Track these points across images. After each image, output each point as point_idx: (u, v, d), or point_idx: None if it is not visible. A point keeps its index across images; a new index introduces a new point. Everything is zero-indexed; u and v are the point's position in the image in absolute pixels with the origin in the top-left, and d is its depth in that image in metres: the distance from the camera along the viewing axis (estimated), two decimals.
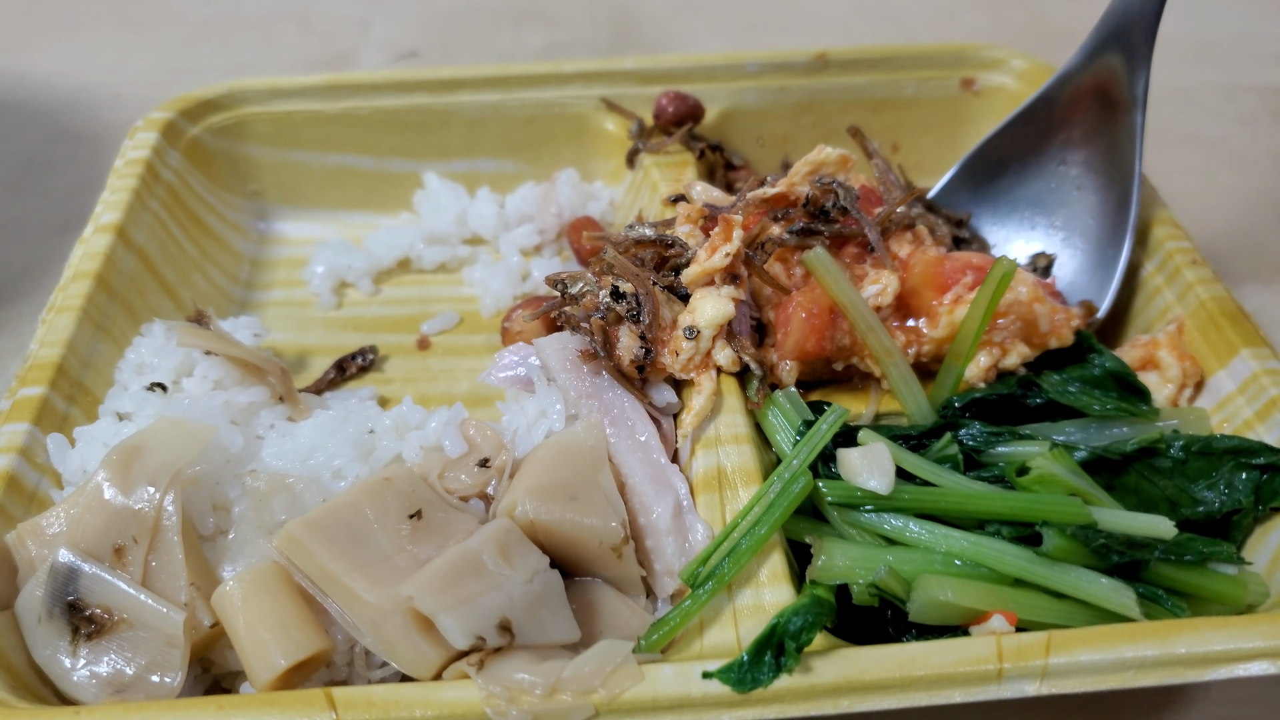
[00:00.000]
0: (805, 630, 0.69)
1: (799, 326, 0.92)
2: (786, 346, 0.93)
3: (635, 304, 0.88)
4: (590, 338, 0.88)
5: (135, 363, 0.98)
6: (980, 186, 1.10)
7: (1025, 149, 1.08)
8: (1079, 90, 1.03)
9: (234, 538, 0.81)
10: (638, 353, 0.87)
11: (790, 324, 0.92)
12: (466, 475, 0.84)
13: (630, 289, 0.89)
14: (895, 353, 0.90)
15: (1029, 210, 1.08)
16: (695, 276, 0.91)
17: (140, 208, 1.08)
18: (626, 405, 0.88)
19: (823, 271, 0.88)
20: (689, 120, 1.19)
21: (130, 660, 0.72)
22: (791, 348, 0.92)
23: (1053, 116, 1.06)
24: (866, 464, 0.79)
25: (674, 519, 0.81)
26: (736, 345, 0.90)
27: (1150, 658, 0.70)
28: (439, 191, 1.24)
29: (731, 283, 0.91)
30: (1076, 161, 1.05)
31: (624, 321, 0.89)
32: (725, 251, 0.89)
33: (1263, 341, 0.92)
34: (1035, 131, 1.07)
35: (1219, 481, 0.85)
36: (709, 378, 0.89)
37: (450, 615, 0.68)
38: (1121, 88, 1.00)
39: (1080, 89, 1.03)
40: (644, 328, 0.88)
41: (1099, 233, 1.03)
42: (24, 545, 0.78)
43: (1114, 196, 1.02)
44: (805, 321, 0.91)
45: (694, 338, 0.88)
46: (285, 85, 1.21)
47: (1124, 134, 1.01)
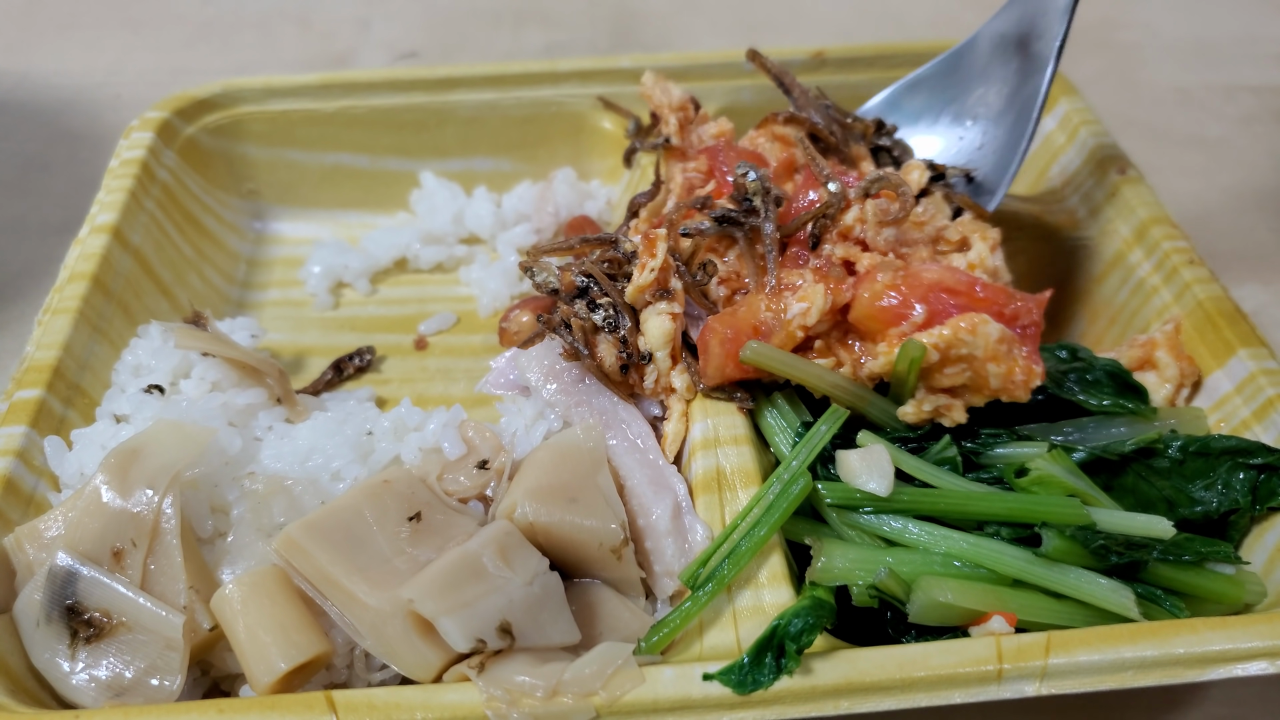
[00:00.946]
0: (806, 632, 0.69)
1: (716, 352, 0.86)
2: (708, 372, 0.87)
3: (613, 313, 0.88)
4: (571, 338, 0.88)
5: (132, 364, 0.97)
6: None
7: (939, 101, 1.10)
8: (994, 46, 1.05)
9: (233, 540, 0.80)
10: (614, 362, 0.87)
11: (708, 350, 0.86)
12: (465, 477, 0.84)
13: (607, 300, 0.89)
14: (865, 393, 0.85)
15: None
16: (632, 294, 0.89)
17: (136, 208, 1.08)
18: (619, 408, 0.88)
19: (768, 362, 0.83)
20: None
21: (129, 663, 0.72)
22: (713, 373, 0.87)
23: (968, 70, 1.07)
24: (865, 465, 0.79)
25: (673, 520, 0.81)
26: (691, 367, 0.88)
27: (1149, 658, 0.70)
28: (435, 191, 1.24)
29: (664, 298, 0.89)
30: (987, 110, 1.06)
31: (600, 332, 0.88)
32: (650, 266, 0.88)
33: (1260, 342, 0.92)
34: (951, 83, 1.09)
35: (1216, 481, 0.85)
36: (677, 399, 0.89)
37: (451, 618, 0.68)
38: (1037, 44, 1.00)
39: (996, 45, 1.05)
40: (625, 332, 0.88)
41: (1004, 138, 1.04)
42: (22, 549, 0.77)
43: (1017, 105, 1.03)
44: (721, 347, 0.85)
45: (649, 360, 0.88)
46: (281, 84, 1.21)
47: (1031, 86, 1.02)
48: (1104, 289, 1.08)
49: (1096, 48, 1.65)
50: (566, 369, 0.90)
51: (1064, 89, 1.20)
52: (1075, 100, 1.19)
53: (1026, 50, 1.01)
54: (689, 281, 0.90)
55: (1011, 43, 1.03)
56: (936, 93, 1.09)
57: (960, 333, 0.79)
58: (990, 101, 1.05)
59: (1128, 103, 1.53)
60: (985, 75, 1.05)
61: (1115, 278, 1.07)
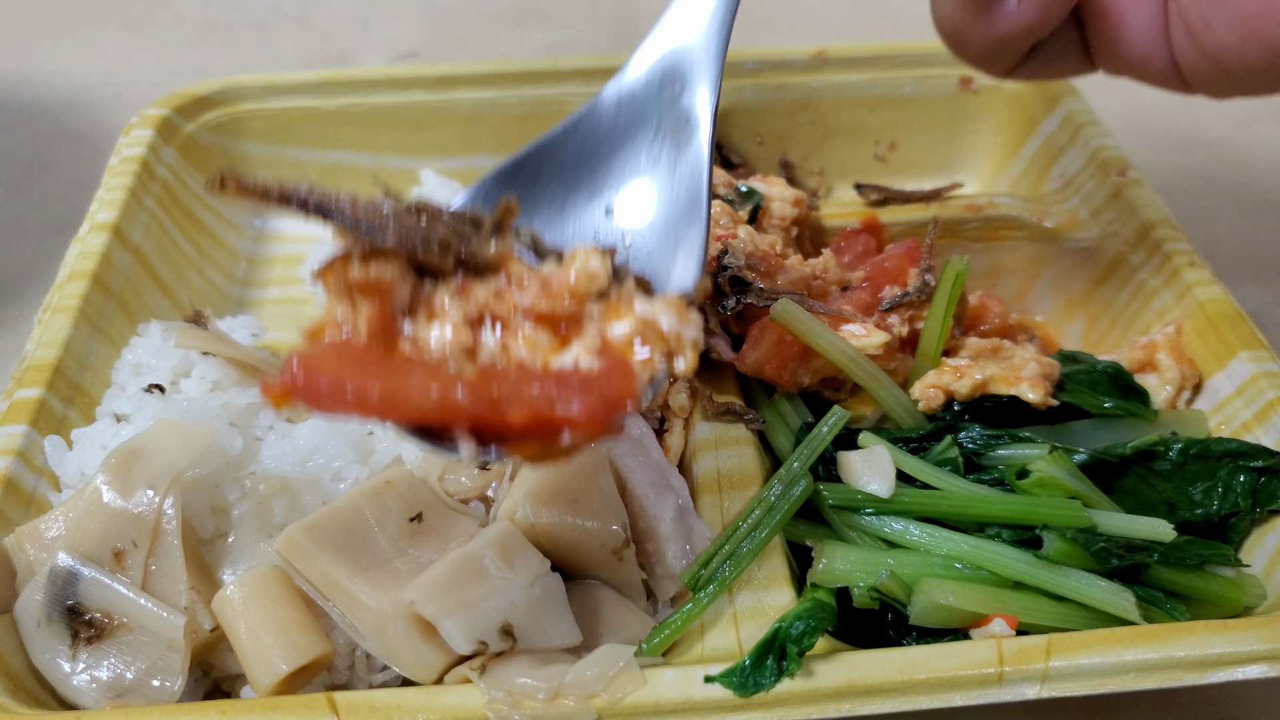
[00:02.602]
0: (807, 634, 0.69)
1: (768, 346, 0.87)
2: (748, 360, 0.89)
3: None
4: None
5: (132, 363, 0.97)
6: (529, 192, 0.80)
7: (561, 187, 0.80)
8: (624, 107, 0.80)
9: (234, 541, 0.80)
10: None
11: (761, 340, 0.88)
12: (466, 477, 0.84)
13: None
14: (881, 376, 0.88)
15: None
16: None
17: (136, 206, 1.08)
18: None
19: (794, 323, 0.84)
20: None
21: (130, 664, 0.72)
22: (752, 363, 0.89)
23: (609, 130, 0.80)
24: (867, 467, 0.79)
25: (675, 522, 0.81)
26: (690, 380, 0.88)
27: (1150, 661, 0.70)
28: (436, 189, 1.23)
29: None
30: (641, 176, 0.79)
31: None
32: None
33: (1261, 344, 0.92)
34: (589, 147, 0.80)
35: (1217, 484, 0.85)
36: (675, 415, 0.89)
37: (452, 620, 0.68)
38: (685, 97, 0.78)
39: (628, 105, 0.80)
40: None
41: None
42: (22, 549, 0.77)
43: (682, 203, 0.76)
44: (775, 345, 0.87)
45: None
46: (281, 82, 1.21)
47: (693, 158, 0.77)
48: (1105, 291, 1.08)
49: None
50: None
51: (1065, 90, 1.20)
52: (1076, 101, 1.19)
53: (674, 107, 0.78)
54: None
55: (651, 99, 0.79)
56: (555, 176, 0.79)
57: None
58: (641, 175, 0.77)
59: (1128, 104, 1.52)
60: (623, 145, 0.78)
61: (1116, 279, 1.07)
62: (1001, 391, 0.88)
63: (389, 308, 0.62)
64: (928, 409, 0.89)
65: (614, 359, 0.62)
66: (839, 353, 0.85)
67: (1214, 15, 0.68)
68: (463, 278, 0.64)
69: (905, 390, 0.90)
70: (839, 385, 0.94)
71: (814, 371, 0.90)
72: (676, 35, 0.80)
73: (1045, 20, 0.73)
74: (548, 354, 0.63)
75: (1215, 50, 0.69)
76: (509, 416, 0.57)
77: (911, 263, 0.97)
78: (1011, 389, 0.88)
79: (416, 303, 0.63)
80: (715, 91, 0.77)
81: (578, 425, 0.58)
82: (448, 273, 0.64)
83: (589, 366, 0.61)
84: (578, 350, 0.63)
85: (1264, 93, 0.71)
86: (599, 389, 0.59)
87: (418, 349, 0.62)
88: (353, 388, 0.57)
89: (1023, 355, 0.93)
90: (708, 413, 0.87)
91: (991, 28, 0.74)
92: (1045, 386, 0.88)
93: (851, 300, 0.95)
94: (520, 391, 0.58)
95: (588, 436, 0.58)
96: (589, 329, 0.64)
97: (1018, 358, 0.92)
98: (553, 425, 0.58)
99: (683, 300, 0.65)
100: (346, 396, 0.57)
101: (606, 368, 0.61)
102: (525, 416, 0.57)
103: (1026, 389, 0.87)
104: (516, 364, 0.62)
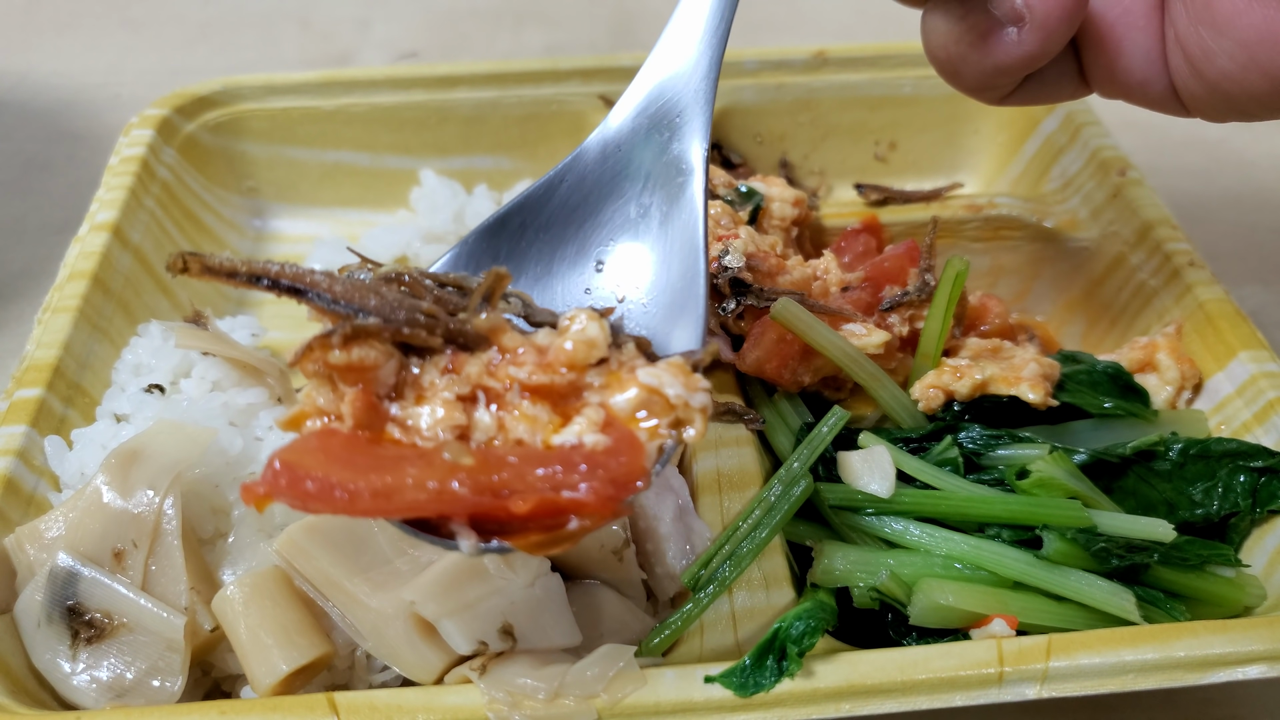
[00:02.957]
0: (807, 635, 0.69)
1: (769, 345, 0.88)
2: (749, 358, 0.89)
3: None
4: None
5: (132, 363, 0.97)
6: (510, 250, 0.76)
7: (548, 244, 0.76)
8: (610, 157, 0.76)
9: (234, 541, 0.80)
10: None
11: (761, 339, 0.88)
12: None
13: None
14: (881, 376, 0.88)
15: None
16: None
17: (136, 206, 1.08)
18: None
19: (793, 321, 0.84)
20: None
21: (130, 665, 0.72)
22: (752, 363, 0.89)
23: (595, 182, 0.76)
24: (867, 467, 0.79)
25: (675, 522, 0.81)
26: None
27: (1150, 661, 0.70)
28: (436, 189, 1.23)
29: None
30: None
31: None
32: None
33: (1261, 344, 0.92)
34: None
35: (1217, 484, 0.85)
36: None
37: (452, 620, 0.68)
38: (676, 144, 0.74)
39: (614, 155, 0.76)
40: None
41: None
42: (22, 549, 0.77)
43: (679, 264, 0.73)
44: (775, 344, 0.87)
45: None
46: (281, 82, 1.21)
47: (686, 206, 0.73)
48: (1105, 291, 1.08)
49: None
50: None
51: None
52: (1076, 101, 1.19)
53: (663, 154, 0.74)
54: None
55: (638, 147, 0.75)
56: (541, 231, 0.75)
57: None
58: (632, 228, 0.74)
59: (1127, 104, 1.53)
60: (611, 196, 0.75)
61: (1116, 279, 1.07)
62: (1001, 392, 0.88)
63: (374, 391, 0.57)
64: (928, 409, 0.89)
65: (620, 433, 0.57)
66: (839, 352, 0.85)
67: (1214, 43, 0.66)
68: (452, 353, 0.59)
69: (905, 390, 0.90)
70: (839, 385, 0.94)
71: (814, 371, 0.90)
72: (663, 78, 0.75)
73: (1046, 50, 0.70)
74: (548, 431, 0.58)
75: (1216, 78, 0.67)
76: (513, 507, 0.53)
77: (911, 263, 0.97)
78: (1011, 389, 0.88)
79: (403, 383, 0.59)
80: (706, 138, 0.73)
81: (587, 510, 0.53)
82: (436, 349, 0.59)
83: (594, 443, 0.57)
84: (581, 425, 0.58)
85: (1264, 118, 0.69)
86: (607, 468, 0.54)
87: (408, 433, 0.57)
88: (342, 488, 0.52)
89: (1023, 355, 0.93)
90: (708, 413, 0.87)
91: (989, 58, 0.71)
92: (1045, 387, 0.88)
93: (851, 300, 0.95)
94: (523, 477, 0.54)
95: (597, 520, 0.54)
96: (590, 400, 0.59)
97: (1018, 358, 0.92)
98: (560, 511, 0.54)
99: (687, 363, 0.61)
100: (335, 497, 0.52)
101: (613, 444, 0.56)
102: (530, 505, 0.53)
103: (1026, 389, 0.87)
104: (515, 444, 0.58)
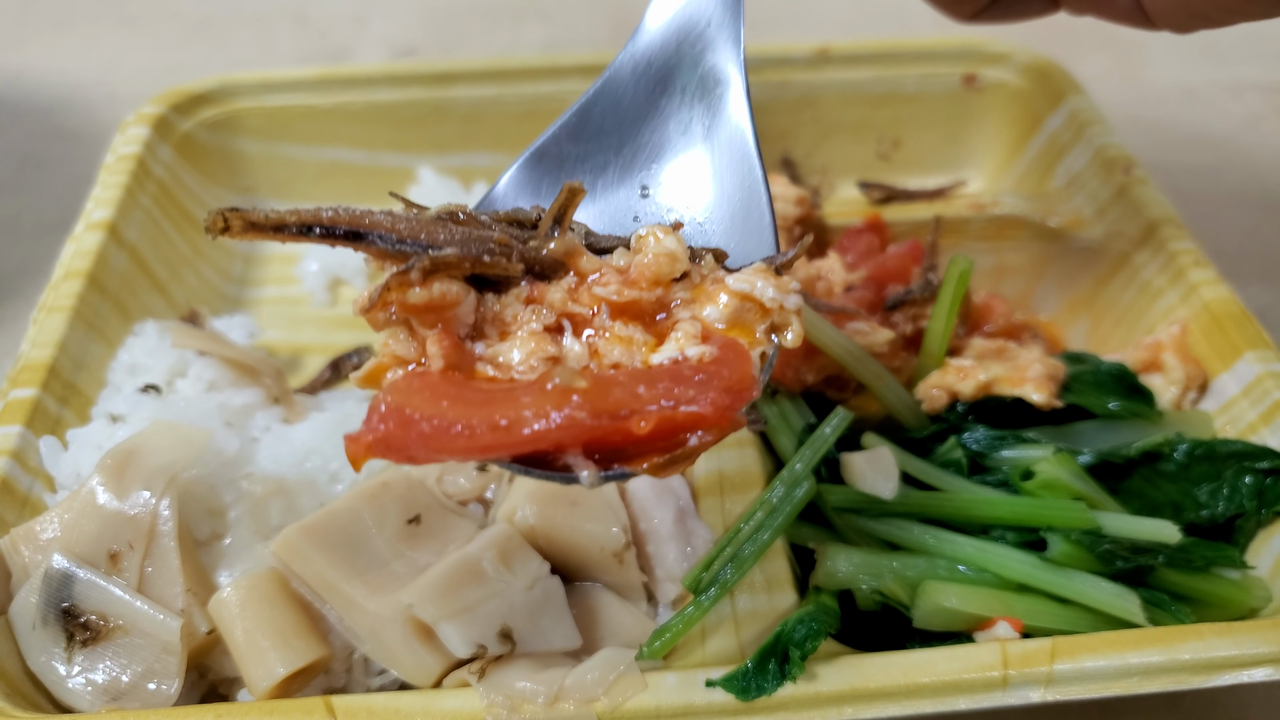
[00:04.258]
0: (810, 638, 0.68)
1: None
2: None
3: None
4: None
5: (128, 363, 0.96)
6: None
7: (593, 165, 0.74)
8: (642, 77, 0.73)
9: (230, 543, 0.80)
10: None
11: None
12: (465, 479, 0.83)
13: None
14: (885, 375, 0.87)
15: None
16: None
17: (132, 204, 1.07)
18: None
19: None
20: None
21: (126, 667, 0.71)
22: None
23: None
24: (871, 468, 0.79)
25: (676, 524, 0.80)
26: None
27: (1155, 664, 0.69)
28: (434, 186, 1.23)
29: None
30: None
31: None
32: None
33: (1267, 344, 0.91)
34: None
35: (1222, 486, 0.84)
36: None
37: (451, 623, 0.68)
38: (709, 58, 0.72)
39: (644, 74, 0.73)
40: None
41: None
42: (17, 551, 0.77)
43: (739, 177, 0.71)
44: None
45: None
46: (277, 79, 1.20)
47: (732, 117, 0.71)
48: (1109, 290, 1.07)
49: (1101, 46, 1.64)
50: None
51: (1069, 87, 1.20)
52: (1081, 99, 1.18)
53: (697, 67, 0.72)
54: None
55: (669, 62, 0.72)
56: (580, 161, 0.73)
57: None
58: (673, 146, 0.72)
59: (1133, 101, 1.52)
60: (648, 117, 0.72)
61: (1121, 279, 1.06)
62: (1006, 392, 0.87)
63: (455, 332, 0.53)
64: (931, 409, 0.88)
65: (725, 342, 0.54)
66: (843, 350, 0.84)
67: None
68: (529, 283, 0.56)
69: (909, 390, 0.89)
70: (842, 385, 0.93)
71: (818, 370, 0.90)
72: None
73: None
74: (645, 352, 0.55)
75: None
76: (634, 428, 0.49)
77: (915, 262, 0.97)
78: (1016, 390, 0.87)
79: (482, 321, 0.55)
80: (740, 46, 0.70)
81: (707, 422, 0.50)
82: (514, 279, 0.55)
83: (699, 355, 0.53)
84: (680, 340, 0.54)
85: (1226, 23, 0.68)
86: (719, 378, 0.51)
87: (501, 370, 0.53)
88: (462, 426, 0.48)
89: (1027, 356, 0.92)
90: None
91: None
92: (1050, 387, 0.87)
93: (855, 299, 0.94)
94: (637, 397, 0.50)
95: (717, 434, 0.51)
96: (681, 316, 0.56)
97: (1022, 358, 0.91)
98: (680, 429, 0.50)
99: (771, 268, 0.57)
100: (454, 435, 0.48)
101: (720, 353, 0.53)
102: (653, 424, 0.49)
103: (1031, 390, 0.86)
104: (612, 369, 0.54)
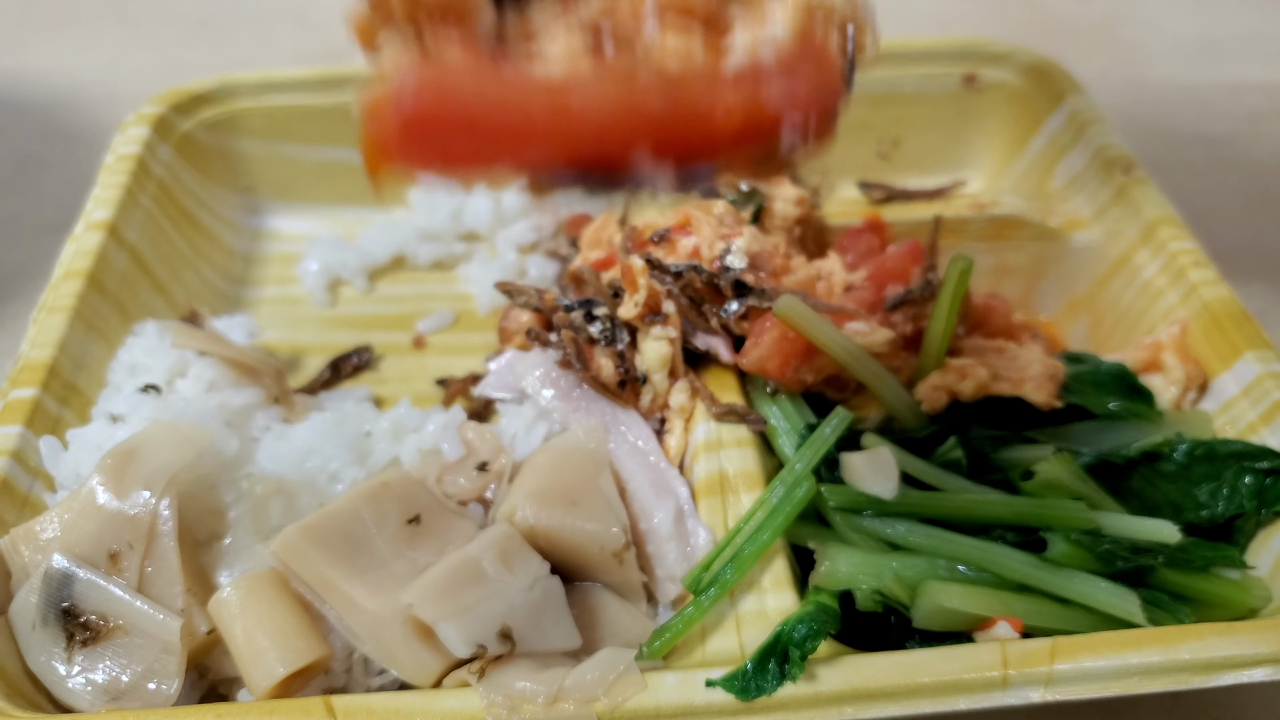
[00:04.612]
0: (810, 638, 0.68)
1: (771, 343, 0.86)
2: (750, 356, 0.88)
3: (609, 326, 0.88)
4: (563, 350, 0.88)
5: (128, 363, 0.96)
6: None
7: None
8: None
9: (230, 543, 0.80)
10: (613, 374, 0.87)
11: (763, 336, 0.86)
12: (465, 479, 0.83)
13: (604, 312, 0.88)
14: (885, 375, 0.87)
15: None
16: (628, 320, 0.89)
17: (131, 204, 1.07)
18: (618, 413, 0.88)
19: (797, 319, 0.83)
20: None
21: (126, 667, 0.71)
22: (754, 361, 0.87)
23: None
24: (871, 468, 0.79)
25: (675, 524, 0.80)
26: (691, 381, 0.88)
27: (1155, 664, 0.69)
28: (434, 186, 1.22)
29: (658, 321, 0.88)
30: None
31: (597, 344, 0.88)
32: (635, 301, 0.88)
33: (1267, 344, 0.91)
34: None
35: (1222, 486, 0.84)
36: (676, 416, 0.89)
37: (451, 623, 0.68)
38: None
39: None
40: (623, 347, 0.87)
41: None
42: (17, 550, 0.77)
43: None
44: (778, 342, 0.85)
45: (644, 381, 0.87)
46: (278, 79, 1.20)
47: None
48: (1109, 290, 1.07)
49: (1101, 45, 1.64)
50: (563, 375, 0.89)
51: (1070, 87, 1.20)
52: (1081, 99, 1.18)
53: None
54: (684, 304, 0.89)
55: None
56: None
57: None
58: None
59: (1133, 101, 1.52)
60: None
61: (1121, 279, 1.06)
62: (1006, 392, 0.87)
63: (473, 37, 0.42)
64: (931, 409, 0.88)
65: (802, 36, 0.45)
66: (842, 350, 0.84)
67: None
68: None
69: (909, 390, 0.89)
70: (842, 385, 0.93)
71: (817, 370, 0.90)
72: None
73: None
74: (714, 55, 0.45)
75: None
76: (718, 120, 0.40)
77: (915, 262, 0.97)
78: (1016, 390, 0.87)
79: (505, 39, 0.44)
80: None
81: (802, 115, 0.42)
82: None
83: (775, 55, 0.45)
84: (752, 40, 0.46)
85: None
86: (805, 73, 0.43)
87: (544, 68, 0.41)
88: (517, 109, 0.35)
89: (1027, 356, 0.92)
90: (709, 413, 0.87)
91: None
92: (1050, 387, 0.87)
93: (854, 298, 0.94)
94: (719, 91, 0.41)
95: (813, 133, 0.43)
96: (747, 17, 0.47)
97: (1022, 358, 0.91)
98: (769, 127, 0.42)
99: None
100: (504, 125, 0.35)
101: (799, 48, 0.45)
102: (740, 118, 0.40)
103: (1031, 390, 0.86)
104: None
